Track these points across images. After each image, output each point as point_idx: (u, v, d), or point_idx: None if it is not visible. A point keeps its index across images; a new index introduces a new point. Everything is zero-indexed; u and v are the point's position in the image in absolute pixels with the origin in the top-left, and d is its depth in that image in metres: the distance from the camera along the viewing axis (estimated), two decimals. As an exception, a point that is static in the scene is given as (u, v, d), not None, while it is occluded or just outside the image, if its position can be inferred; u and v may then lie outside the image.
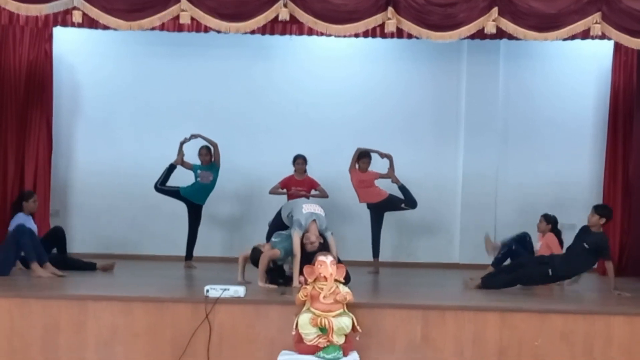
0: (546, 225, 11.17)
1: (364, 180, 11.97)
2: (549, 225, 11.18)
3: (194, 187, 12.00)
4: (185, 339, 8.23)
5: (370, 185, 12.02)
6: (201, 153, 12.07)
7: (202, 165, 12.05)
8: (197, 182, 12.00)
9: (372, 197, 12.00)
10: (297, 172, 12.17)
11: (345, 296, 7.91)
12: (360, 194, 12.02)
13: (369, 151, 12.01)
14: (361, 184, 11.98)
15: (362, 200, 12.06)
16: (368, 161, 12.01)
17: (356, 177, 11.96)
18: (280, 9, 9.40)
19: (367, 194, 11.99)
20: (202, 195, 12.05)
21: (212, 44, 12.43)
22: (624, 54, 12.55)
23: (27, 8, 9.37)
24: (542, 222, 11.22)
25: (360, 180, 11.96)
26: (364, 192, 12.00)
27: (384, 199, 11.94)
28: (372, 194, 11.98)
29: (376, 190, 12.00)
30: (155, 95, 13.13)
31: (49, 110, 12.69)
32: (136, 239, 13.04)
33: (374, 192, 11.99)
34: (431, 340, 8.34)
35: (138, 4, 9.37)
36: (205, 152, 12.05)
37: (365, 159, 11.99)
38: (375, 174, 12.05)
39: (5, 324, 8.28)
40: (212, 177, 12.04)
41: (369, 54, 13.04)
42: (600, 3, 9.42)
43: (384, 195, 11.94)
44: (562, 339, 8.34)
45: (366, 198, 12.03)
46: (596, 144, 13.13)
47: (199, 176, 11.98)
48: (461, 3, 9.44)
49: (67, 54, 13.01)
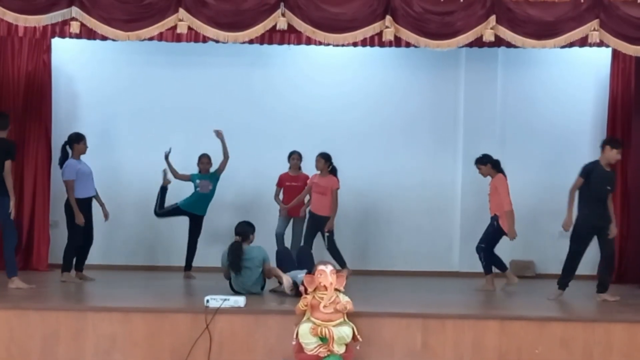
0: (487, 168, 11.21)
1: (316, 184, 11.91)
2: (487, 165, 11.20)
3: (192, 198, 11.99)
4: (185, 349, 8.23)
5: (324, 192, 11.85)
6: (202, 161, 12.05)
7: (201, 174, 12.02)
8: (196, 192, 11.99)
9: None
10: (292, 169, 12.21)
11: (346, 305, 7.91)
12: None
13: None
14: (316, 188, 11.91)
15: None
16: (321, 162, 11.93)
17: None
18: (279, 18, 9.42)
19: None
20: (202, 205, 12.03)
21: (210, 52, 12.42)
22: (622, 61, 12.56)
23: (25, 19, 9.39)
24: (481, 167, 11.27)
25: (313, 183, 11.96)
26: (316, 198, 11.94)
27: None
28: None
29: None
30: (154, 104, 13.13)
31: (47, 120, 12.69)
32: (135, 249, 13.04)
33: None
34: (431, 348, 8.35)
35: (136, 14, 9.39)
36: (207, 161, 12.04)
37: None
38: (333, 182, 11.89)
39: (4, 334, 8.29)
40: (211, 186, 12.02)
41: (367, 61, 13.05)
42: (598, 10, 9.44)
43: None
44: (562, 346, 8.35)
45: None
46: (595, 150, 13.07)
47: (198, 186, 11.97)
48: (459, 11, 9.46)
49: (66, 64, 13.02)
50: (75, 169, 10.91)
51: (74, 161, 11.00)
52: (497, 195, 11.02)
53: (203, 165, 12.06)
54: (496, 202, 11.07)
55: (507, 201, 10.99)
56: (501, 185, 11.02)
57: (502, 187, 11.01)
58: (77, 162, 11.01)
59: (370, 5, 9.45)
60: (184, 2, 9.35)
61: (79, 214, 10.78)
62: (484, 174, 11.26)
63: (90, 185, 11.09)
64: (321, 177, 11.84)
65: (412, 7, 9.45)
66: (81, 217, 10.77)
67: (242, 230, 10.21)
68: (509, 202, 10.99)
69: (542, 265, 12.81)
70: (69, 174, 10.89)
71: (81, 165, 11.03)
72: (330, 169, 11.86)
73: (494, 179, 11.13)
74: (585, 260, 11.92)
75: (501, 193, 10.97)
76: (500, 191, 10.98)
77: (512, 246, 12.22)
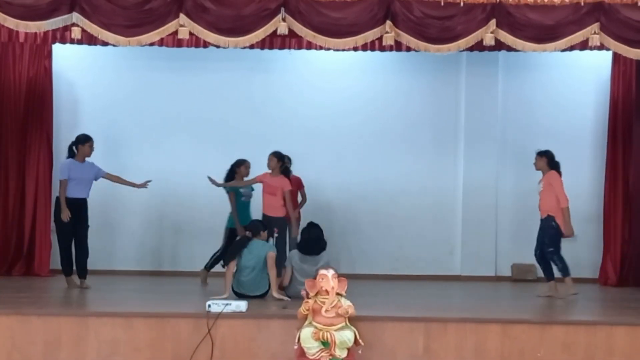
0: (542, 161, 10.95)
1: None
2: (544, 159, 10.95)
3: (239, 209, 11.69)
4: (187, 354, 8.24)
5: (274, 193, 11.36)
6: (246, 165, 11.81)
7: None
8: (240, 202, 11.74)
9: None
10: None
11: (347, 309, 7.91)
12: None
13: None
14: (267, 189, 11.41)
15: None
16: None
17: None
18: (279, 23, 9.42)
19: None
20: (248, 214, 11.70)
21: (211, 57, 12.42)
22: (623, 64, 12.55)
23: (26, 25, 9.39)
24: (538, 159, 11.00)
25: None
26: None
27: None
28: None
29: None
30: (155, 109, 13.13)
31: (49, 126, 12.68)
32: (137, 254, 13.04)
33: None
34: (433, 353, 8.34)
35: (137, 19, 9.39)
36: (249, 165, 11.83)
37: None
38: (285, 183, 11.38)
39: (6, 340, 8.28)
40: (251, 194, 11.82)
41: (368, 66, 13.05)
42: (598, 13, 9.43)
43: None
44: (564, 350, 8.34)
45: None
46: (596, 154, 13.12)
47: (244, 195, 11.74)
48: (459, 15, 9.45)
49: (67, 70, 13.02)
50: (69, 169, 10.85)
51: (70, 161, 10.95)
52: (550, 193, 10.72)
53: (247, 170, 11.78)
54: (549, 201, 10.76)
55: (564, 197, 10.69)
56: (556, 181, 10.75)
57: (556, 182, 10.74)
58: (74, 162, 10.92)
59: (370, 10, 9.45)
60: (184, 8, 9.35)
61: (65, 210, 10.73)
62: (537, 166, 10.94)
63: (82, 188, 10.93)
64: (272, 177, 11.29)
65: (412, 12, 9.45)
66: (67, 213, 10.71)
67: (252, 226, 10.24)
68: (566, 198, 10.71)
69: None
70: (62, 174, 10.88)
71: (79, 167, 10.92)
72: (283, 169, 11.40)
73: (548, 175, 10.82)
74: (586, 263, 11.99)
75: (557, 188, 10.69)
76: (555, 186, 10.70)
77: (513, 249, 12.24)
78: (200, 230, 12.77)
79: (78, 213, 10.90)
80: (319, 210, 12.11)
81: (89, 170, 11.03)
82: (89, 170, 11.04)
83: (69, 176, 10.83)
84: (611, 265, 12.58)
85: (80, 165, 10.96)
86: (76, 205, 10.86)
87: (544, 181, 10.84)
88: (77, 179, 10.86)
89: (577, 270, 12.71)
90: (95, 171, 11.09)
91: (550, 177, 10.80)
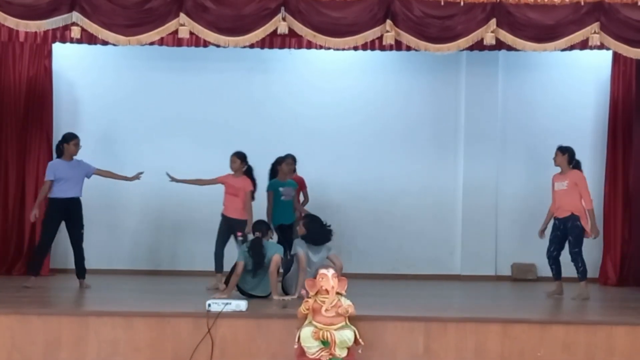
0: (563, 158, 10.78)
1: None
2: (565, 156, 10.78)
3: (277, 208, 11.55)
4: (187, 353, 8.23)
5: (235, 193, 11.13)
6: (288, 162, 11.70)
7: (282, 181, 11.70)
8: (280, 202, 11.58)
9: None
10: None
11: (347, 309, 7.91)
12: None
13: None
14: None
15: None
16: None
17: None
18: (279, 22, 9.42)
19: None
20: (289, 212, 11.63)
21: (211, 57, 12.43)
22: (623, 64, 12.55)
23: (26, 24, 9.39)
24: (559, 154, 10.83)
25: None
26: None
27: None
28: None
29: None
30: (155, 109, 13.13)
31: (49, 126, 12.68)
32: (137, 254, 13.04)
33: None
34: (433, 352, 8.34)
35: (137, 19, 9.39)
36: (292, 161, 11.71)
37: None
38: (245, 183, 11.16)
39: (6, 340, 8.28)
40: (294, 192, 11.70)
41: (368, 66, 13.05)
42: (598, 13, 9.43)
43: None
44: (564, 350, 8.33)
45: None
46: (596, 154, 13.12)
47: (282, 194, 11.58)
48: (459, 15, 9.45)
49: (67, 70, 13.02)
50: (55, 169, 10.80)
51: (56, 161, 10.92)
52: (575, 192, 10.63)
53: (289, 166, 11.65)
54: (573, 200, 10.66)
55: (589, 198, 10.65)
56: (581, 181, 10.68)
57: (582, 183, 10.68)
58: (60, 162, 10.86)
59: (370, 10, 9.45)
60: (184, 7, 9.35)
61: (36, 208, 10.73)
62: (557, 162, 10.81)
63: (71, 187, 10.84)
64: (235, 178, 11.09)
65: (412, 11, 9.45)
66: (36, 213, 10.70)
67: (259, 227, 10.19)
68: (590, 199, 10.69)
69: (544, 268, 12.75)
70: (48, 174, 10.83)
71: (66, 166, 10.84)
72: (246, 170, 11.19)
73: (574, 175, 10.71)
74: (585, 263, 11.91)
75: (583, 189, 10.63)
76: (581, 187, 10.63)
77: (514, 249, 12.24)
78: (200, 230, 12.75)
79: (70, 213, 10.86)
80: (319, 209, 12.02)
81: (77, 168, 10.92)
82: (77, 169, 10.92)
83: (56, 176, 10.76)
84: (611, 265, 12.60)
85: (68, 164, 10.87)
86: (67, 205, 10.82)
87: (568, 180, 10.70)
88: (65, 179, 10.79)
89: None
90: (85, 169, 11.00)
91: (576, 176, 10.71)
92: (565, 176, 10.77)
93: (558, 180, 10.84)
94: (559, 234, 10.78)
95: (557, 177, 10.88)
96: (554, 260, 10.84)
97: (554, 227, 10.86)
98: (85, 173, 11.01)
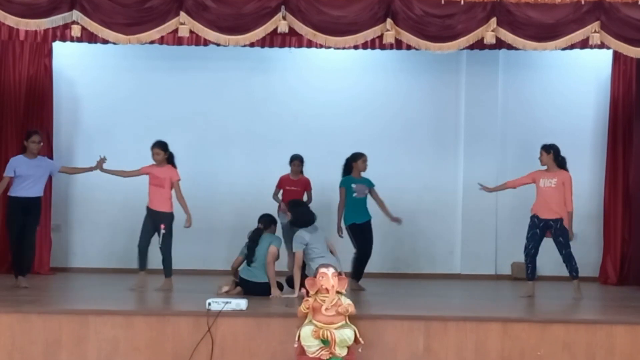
0: (549, 157, 10.70)
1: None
2: (550, 154, 10.70)
3: (350, 206, 11.35)
4: (187, 352, 8.24)
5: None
6: (363, 159, 11.42)
7: (355, 178, 11.41)
8: (352, 199, 11.33)
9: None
10: (292, 173, 12.12)
11: (347, 308, 7.91)
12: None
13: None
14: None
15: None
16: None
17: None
18: (279, 21, 9.42)
19: None
20: (364, 210, 11.38)
21: (211, 57, 12.43)
22: (623, 63, 12.55)
23: (26, 23, 9.39)
24: (544, 154, 10.74)
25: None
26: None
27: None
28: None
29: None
30: (155, 107, 13.13)
31: (49, 125, 12.68)
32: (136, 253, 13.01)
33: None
34: (433, 351, 8.35)
35: (137, 17, 9.39)
36: (366, 159, 11.43)
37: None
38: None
39: (6, 339, 8.29)
40: (367, 190, 11.43)
41: (368, 65, 13.05)
42: (598, 12, 9.43)
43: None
44: (564, 349, 8.34)
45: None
46: (596, 154, 13.13)
47: (355, 191, 11.32)
48: (459, 14, 9.45)
49: (67, 68, 13.02)
50: (14, 166, 10.62)
51: (18, 158, 10.73)
52: (561, 193, 10.55)
53: (364, 164, 11.42)
54: (560, 201, 10.57)
55: (571, 200, 10.59)
56: (568, 182, 10.59)
57: (569, 184, 10.59)
58: (22, 159, 10.68)
59: (371, 9, 9.45)
60: (184, 6, 9.35)
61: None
62: (543, 162, 10.73)
63: (31, 186, 10.63)
64: (159, 168, 10.81)
65: (412, 10, 9.44)
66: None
67: (263, 219, 10.50)
68: (572, 201, 10.63)
69: (543, 267, 12.75)
70: (7, 171, 10.66)
71: (27, 163, 10.63)
72: (168, 158, 10.93)
73: (562, 175, 10.60)
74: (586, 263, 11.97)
75: (567, 191, 10.56)
76: (567, 188, 10.55)
77: (513, 248, 12.23)
78: (200, 229, 12.74)
79: (29, 211, 10.68)
80: (320, 208, 12.03)
81: (39, 167, 10.73)
82: (40, 167, 10.74)
83: (16, 173, 10.57)
84: (611, 265, 12.60)
85: (29, 162, 10.68)
86: (27, 204, 10.65)
87: (557, 179, 10.62)
88: (25, 176, 10.60)
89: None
90: (49, 167, 10.86)
91: (565, 177, 10.63)
92: (553, 174, 10.67)
93: (545, 177, 10.72)
94: (538, 233, 10.69)
95: (543, 174, 10.75)
96: (531, 259, 10.73)
97: (532, 225, 10.74)
98: (49, 171, 10.87)
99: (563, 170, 10.71)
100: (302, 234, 10.25)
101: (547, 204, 10.65)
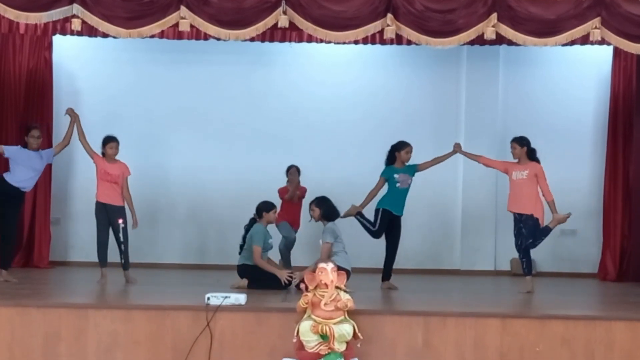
0: (522, 150, 10.61)
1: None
2: (524, 148, 10.61)
3: (390, 196, 10.94)
4: (186, 346, 8.23)
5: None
6: (407, 149, 10.95)
7: (398, 167, 11.01)
8: (395, 189, 10.94)
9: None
10: (290, 183, 12.08)
11: (346, 303, 7.91)
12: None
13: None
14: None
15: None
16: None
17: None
18: (280, 16, 9.42)
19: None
20: (402, 203, 10.96)
21: (211, 51, 12.43)
22: (624, 59, 12.55)
23: (26, 16, 9.38)
24: (516, 147, 10.65)
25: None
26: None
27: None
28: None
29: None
30: (155, 101, 13.13)
31: (49, 118, 12.69)
32: (137, 247, 12.99)
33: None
34: (432, 347, 8.34)
35: (137, 11, 9.39)
36: (410, 150, 10.98)
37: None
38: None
39: (6, 332, 8.27)
40: (410, 180, 11.04)
41: (368, 60, 13.05)
42: (599, 8, 9.43)
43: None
44: (563, 345, 8.33)
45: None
46: (596, 149, 13.13)
47: (398, 181, 10.98)
48: (460, 9, 9.45)
49: (67, 62, 13.02)
50: (13, 150, 10.53)
51: (20, 148, 10.62)
52: (534, 186, 10.45)
53: (408, 155, 11.00)
54: (531, 194, 10.46)
55: (549, 190, 10.47)
56: (541, 173, 10.50)
57: (542, 175, 10.50)
58: (24, 149, 10.56)
59: (371, 4, 9.45)
60: (185, 0, 9.35)
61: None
62: (516, 155, 10.66)
63: (23, 176, 10.47)
64: (111, 164, 10.77)
65: (413, 5, 9.45)
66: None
67: (257, 208, 10.61)
68: (550, 190, 10.50)
69: (542, 263, 12.80)
70: (5, 147, 10.62)
71: (27, 154, 10.53)
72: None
73: (533, 166, 10.51)
74: (585, 259, 11.98)
75: (542, 181, 10.46)
76: (540, 179, 10.46)
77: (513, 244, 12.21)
78: (199, 223, 12.77)
79: (16, 204, 10.62)
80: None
81: (36, 159, 10.62)
82: (37, 160, 10.62)
83: (12, 157, 10.45)
84: (611, 261, 12.59)
85: (28, 153, 10.56)
86: (15, 193, 10.51)
87: (528, 170, 10.50)
88: (22, 164, 10.46)
89: (577, 266, 12.78)
90: (46, 158, 10.74)
91: (536, 168, 10.53)
92: (524, 166, 10.57)
93: (517, 169, 10.62)
94: (522, 226, 10.60)
95: (515, 167, 10.66)
96: (524, 253, 10.65)
97: (515, 221, 10.67)
98: (45, 162, 10.75)
99: (533, 162, 10.63)
100: (333, 227, 10.45)
101: (516, 197, 10.58)
